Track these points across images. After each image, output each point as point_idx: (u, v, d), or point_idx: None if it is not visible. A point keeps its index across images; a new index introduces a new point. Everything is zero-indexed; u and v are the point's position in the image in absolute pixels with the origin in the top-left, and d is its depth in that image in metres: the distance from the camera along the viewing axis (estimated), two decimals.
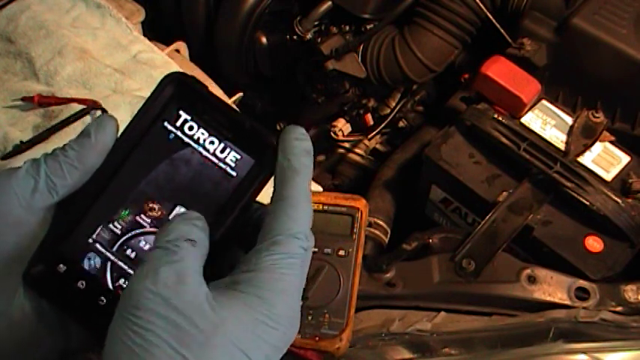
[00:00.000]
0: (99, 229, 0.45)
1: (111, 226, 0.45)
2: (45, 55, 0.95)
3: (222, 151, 0.45)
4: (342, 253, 0.57)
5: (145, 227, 0.45)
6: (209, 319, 0.37)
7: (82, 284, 0.44)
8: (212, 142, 0.45)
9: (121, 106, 0.89)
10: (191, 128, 0.45)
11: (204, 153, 0.45)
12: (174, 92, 0.45)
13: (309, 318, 0.55)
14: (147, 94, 0.46)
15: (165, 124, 0.45)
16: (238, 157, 0.45)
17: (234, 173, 0.45)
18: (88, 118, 0.88)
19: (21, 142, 0.84)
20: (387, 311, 0.79)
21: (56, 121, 0.87)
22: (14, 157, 0.84)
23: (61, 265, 0.44)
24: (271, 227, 0.41)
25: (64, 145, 0.44)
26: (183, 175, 0.45)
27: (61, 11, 1.02)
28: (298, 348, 0.55)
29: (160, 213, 0.45)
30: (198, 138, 0.45)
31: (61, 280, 0.44)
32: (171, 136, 0.45)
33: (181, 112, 0.45)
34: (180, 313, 0.36)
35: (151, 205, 0.45)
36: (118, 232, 0.45)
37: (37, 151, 0.84)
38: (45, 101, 0.89)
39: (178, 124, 0.45)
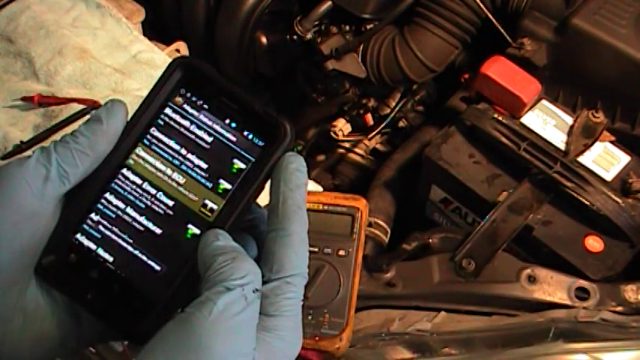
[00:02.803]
0: (110, 216, 0.45)
1: (122, 212, 0.45)
2: (45, 55, 0.95)
3: (233, 135, 0.45)
4: (342, 253, 0.57)
5: (157, 212, 0.45)
6: None
7: (95, 273, 0.44)
8: (222, 126, 0.45)
9: None
10: (200, 111, 0.45)
11: (215, 136, 0.45)
12: (182, 76, 0.45)
13: (309, 318, 0.55)
14: (147, 94, 0.46)
15: (175, 107, 0.45)
16: (249, 140, 0.44)
17: (245, 156, 0.44)
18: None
19: (21, 142, 0.84)
20: (387, 311, 0.79)
21: (56, 121, 0.87)
22: (14, 157, 0.84)
23: (73, 255, 0.44)
24: (283, 263, 0.41)
25: (74, 131, 0.43)
26: (194, 159, 0.45)
27: (61, 11, 1.02)
28: None
29: (171, 199, 0.45)
30: (208, 122, 0.45)
31: (73, 270, 0.44)
32: (181, 120, 0.45)
33: (190, 96, 0.45)
34: None
35: (162, 190, 0.45)
36: (130, 218, 0.45)
37: None
38: (45, 101, 0.89)
39: (188, 107, 0.45)
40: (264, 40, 1.22)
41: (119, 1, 1.10)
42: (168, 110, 0.45)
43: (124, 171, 0.45)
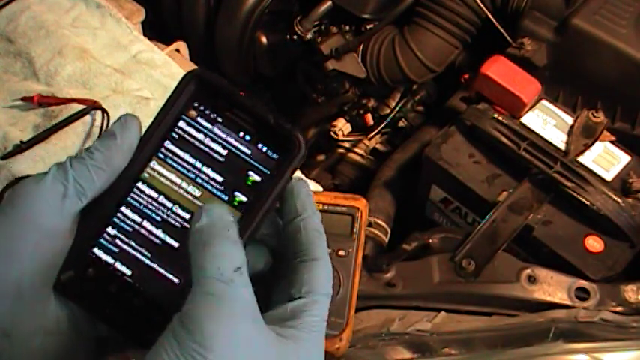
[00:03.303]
0: (127, 229, 0.45)
1: (139, 226, 0.45)
2: (45, 55, 0.95)
3: (247, 148, 0.45)
4: (342, 253, 0.57)
5: (174, 226, 0.45)
6: None
7: (114, 287, 0.44)
8: (236, 139, 0.45)
9: (121, 106, 0.89)
10: (214, 124, 0.45)
11: (230, 149, 0.45)
12: (195, 89, 0.45)
13: None
14: (147, 94, 0.46)
15: (189, 121, 0.45)
16: (263, 153, 0.45)
17: (260, 169, 0.45)
18: (88, 118, 0.88)
19: (21, 142, 0.84)
20: (387, 311, 0.79)
21: (56, 121, 0.87)
22: (14, 157, 0.84)
23: (91, 269, 0.44)
24: (311, 285, 0.43)
25: (89, 147, 0.43)
26: (210, 172, 0.45)
27: (61, 11, 1.02)
28: None
29: (187, 212, 0.45)
30: (222, 135, 0.45)
31: (92, 284, 0.44)
32: (195, 133, 0.45)
33: (204, 109, 0.45)
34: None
35: (178, 204, 0.45)
36: (147, 232, 0.45)
37: (37, 151, 0.84)
38: (45, 101, 0.89)
39: (202, 120, 0.45)
40: (264, 40, 1.22)
41: (119, 1, 1.10)
42: (182, 124, 0.45)
43: (140, 185, 0.45)
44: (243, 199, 0.45)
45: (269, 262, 0.46)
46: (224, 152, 0.45)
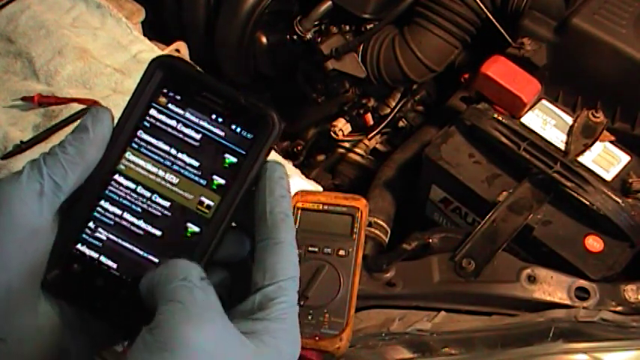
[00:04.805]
0: (108, 222, 0.45)
1: (120, 218, 0.45)
2: (45, 54, 0.95)
3: (221, 130, 0.44)
4: (342, 253, 0.57)
5: (155, 215, 0.45)
6: None
7: (100, 281, 0.44)
8: (209, 122, 0.44)
9: (121, 105, 0.88)
10: (185, 109, 0.45)
11: (204, 133, 0.44)
12: (163, 76, 0.45)
13: (309, 318, 0.54)
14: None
15: (160, 108, 0.45)
16: (238, 133, 0.44)
17: (236, 150, 0.44)
18: None
19: (21, 142, 0.84)
20: (387, 311, 0.79)
21: (56, 121, 0.87)
22: (14, 156, 0.84)
23: (76, 266, 0.44)
24: (275, 270, 0.42)
25: (62, 141, 0.43)
26: (185, 158, 0.45)
27: (61, 11, 1.03)
28: None
29: (167, 200, 0.45)
30: (195, 119, 0.45)
31: (79, 280, 0.44)
32: (167, 120, 0.45)
33: (174, 95, 0.45)
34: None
35: (156, 192, 0.45)
36: (128, 223, 0.45)
37: (37, 151, 0.84)
38: (45, 101, 0.89)
39: (172, 107, 0.45)
40: (264, 40, 1.22)
41: (119, 1, 1.10)
42: (153, 111, 0.45)
43: (117, 177, 0.45)
44: (222, 181, 0.44)
45: (248, 247, 0.46)
46: (198, 136, 0.44)
